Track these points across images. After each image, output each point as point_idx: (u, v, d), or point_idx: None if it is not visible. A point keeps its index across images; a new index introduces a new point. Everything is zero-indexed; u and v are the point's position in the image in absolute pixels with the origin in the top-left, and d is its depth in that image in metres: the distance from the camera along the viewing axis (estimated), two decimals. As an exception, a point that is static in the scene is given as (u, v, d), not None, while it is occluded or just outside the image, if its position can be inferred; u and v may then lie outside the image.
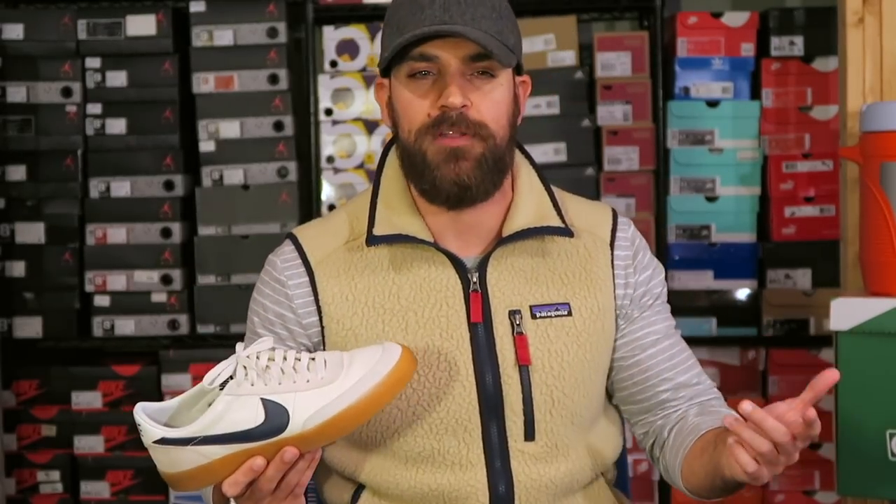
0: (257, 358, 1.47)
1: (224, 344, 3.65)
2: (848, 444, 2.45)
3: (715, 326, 3.55)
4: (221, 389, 1.46)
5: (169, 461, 1.47)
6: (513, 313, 1.67)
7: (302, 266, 1.71)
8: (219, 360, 3.90)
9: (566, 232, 1.71)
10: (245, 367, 1.46)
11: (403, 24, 1.62)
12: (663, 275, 1.81)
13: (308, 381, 1.46)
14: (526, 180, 1.74)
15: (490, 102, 1.64)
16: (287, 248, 1.74)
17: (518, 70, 1.70)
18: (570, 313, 1.69)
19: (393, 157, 1.74)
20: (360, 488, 1.71)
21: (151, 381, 3.61)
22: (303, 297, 1.70)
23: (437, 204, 1.66)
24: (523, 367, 1.65)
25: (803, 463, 3.53)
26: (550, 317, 1.69)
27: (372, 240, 1.68)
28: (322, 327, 1.70)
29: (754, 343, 3.60)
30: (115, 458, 3.59)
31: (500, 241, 1.69)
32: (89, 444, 3.60)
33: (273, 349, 1.51)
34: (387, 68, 1.68)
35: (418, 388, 1.64)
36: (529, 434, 1.66)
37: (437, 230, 1.69)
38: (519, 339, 1.66)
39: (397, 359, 1.49)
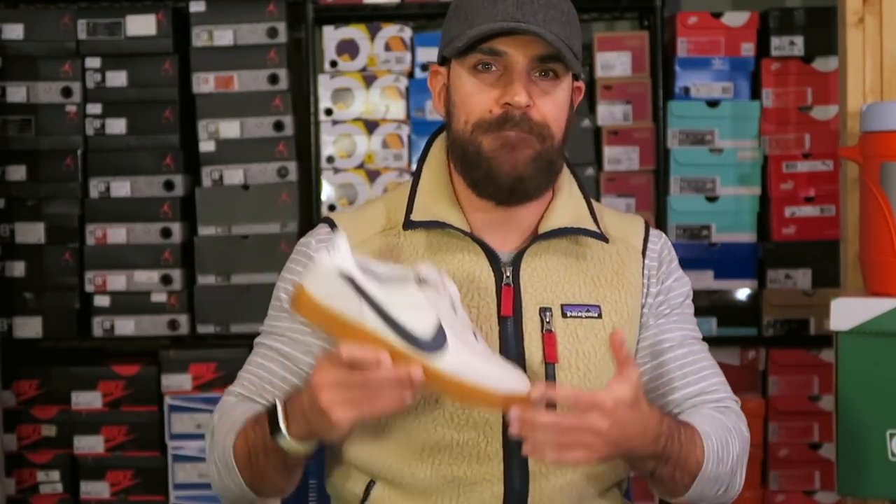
0: (455, 293, 1.52)
1: (224, 344, 3.66)
2: (848, 444, 2.45)
3: (715, 326, 3.55)
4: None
5: (330, 291, 1.48)
6: (543, 310, 1.67)
7: None
8: (219, 360, 3.89)
9: (601, 236, 1.72)
10: (450, 293, 1.51)
11: (474, 15, 1.63)
12: (688, 287, 1.82)
13: (470, 343, 1.50)
14: (566, 185, 1.75)
15: (552, 104, 1.64)
16: (323, 230, 1.75)
17: (576, 75, 1.71)
18: (600, 315, 1.70)
19: (437, 150, 1.75)
20: (372, 481, 1.71)
21: (151, 381, 3.61)
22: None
23: (486, 197, 1.67)
24: (550, 364, 1.65)
25: (803, 463, 3.53)
26: (581, 317, 1.69)
27: (409, 224, 1.69)
28: None
29: (754, 343, 3.60)
30: (115, 458, 3.59)
31: (536, 237, 1.70)
32: (89, 444, 3.60)
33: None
34: (444, 56, 1.69)
35: None
36: None
37: (476, 224, 1.70)
38: (548, 337, 1.66)
39: (528, 387, 1.52)
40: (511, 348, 1.65)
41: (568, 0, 1.68)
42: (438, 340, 1.47)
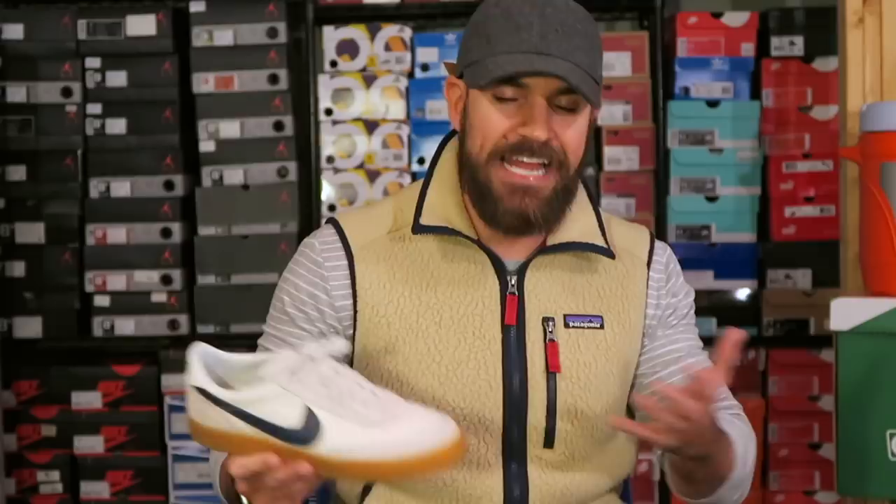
0: (327, 363, 1.44)
1: (224, 344, 3.63)
2: (848, 444, 2.45)
3: (715, 326, 3.55)
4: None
5: (200, 411, 1.46)
6: (546, 320, 1.68)
7: (342, 250, 1.71)
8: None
9: (608, 253, 1.72)
10: (310, 366, 1.44)
11: (496, 42, 1.61)
12: (692, 297, 1.83)
13: (357, 413, 1.42)
14: (578, 198, 1.74)
15: (572, 134, 1.63)
16: (327, 232, 1.74)
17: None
18: (602, 326, 1.70)
19: (448, 155, 1.74)
20: (368, 487, 1.70)
21: (151, 381, 3.61)
22: (339, 280, 1.70)
23: (493, 227, 1.67)
24: (552, 373, 1.66)
25: (803, 463, 3.53)
26: (583, 328, 1.69)
27: (417, 228, 1.68)
28: (355, 312, 1.69)
29: (754, 343, 3.59)
30: (115, 458, 3.59)
31: (544, 249, 1.70)
32: (89, 444, 3.60)
33: (344, 356, 1.49)
34: (463, 78, 1.67)
35: (446, 382, 1.64)
36: (549, 441, 1.66)
37: (483, 231, 1.70)
38: (550, 346, 1.66)
39: (450, 438, 1.43)
40: (513, 356, 1.66)
41: (592, 21, 1.65)
42: (310, 427, 1.41)
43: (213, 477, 1.66)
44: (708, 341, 1.82)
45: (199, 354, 1.46)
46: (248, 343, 3.59)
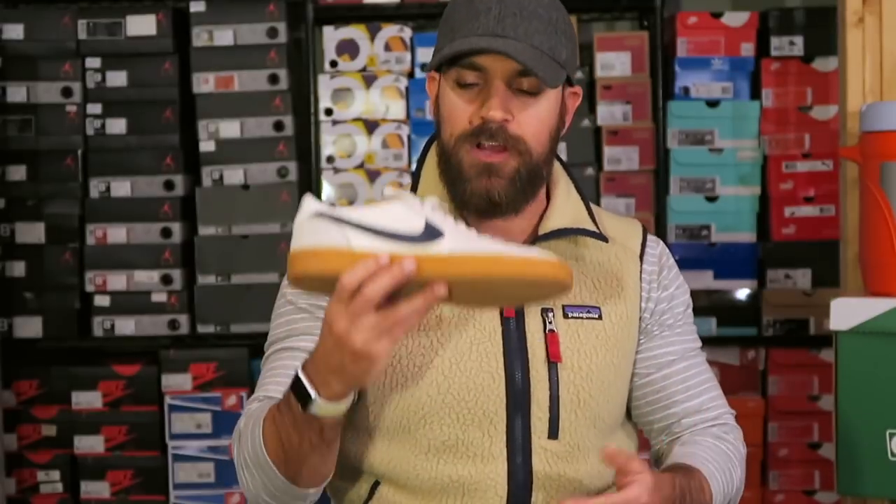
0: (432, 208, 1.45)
1: (224, 344, 3.66)
2: (848, 444, 2.45)
3: (715, 326, 3.55)
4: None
5: (313, 233, 1.42)
6: (545, 311, 1.68)
7: None
8: (219, 360, 3.88)
9: (601, 237, 1.73)
10: (422, 201, 1.45)
11: (458, 28, 1.63)
12: (688, 295, 1.83)
13: (472, 234, 1.44)
14: (563, 190, 1.75)
15: (532, 118, 1.64)
16: None
17: (570, 81, 1.70)
18: (600, 317, 1.71)
19: (432, 154, 1.75)
20: (376, 483, 1.71)
21: (151, 381, 3.61)
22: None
23: (466, 212, 1.68)
24: (553, 364, 1.66)
25: (803, 463, 3.53)
26: (581, 318, 1.70)
27: None
28: None
29: (754, 343, 3.60)
30: (115, 458, 3.59)
31: (537, 238, 1.70)
32: (89, 444, 3.60)
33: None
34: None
35: (450, 375, 1.65)
36: (553, 432, 1.67)
37: (475, 226, 1.68)
38: (550, 337, 1.67)
39: (561, 261, 1.43)
40: (514, 348, 1.66)
41: (558, 7, 1.67)
42: (431, 232, 1.41)
43: (252, 439, 1.58)
44: (708, 341, 1.83)
45: (309, 196, 1.46)
46: (249, 343, 3.63)
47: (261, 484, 1.59)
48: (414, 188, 1.74)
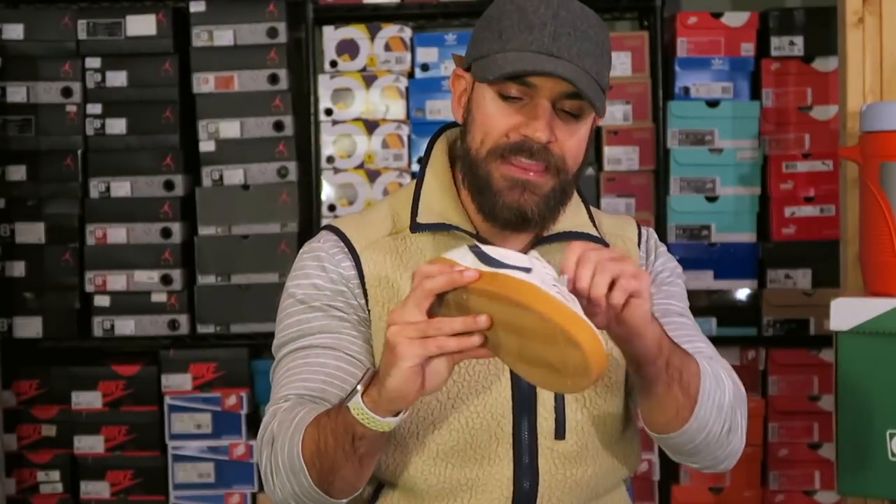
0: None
1: (224, 344, 3.66)
2: (848, 444, 2.45)
3: (715, 326, 3.55)
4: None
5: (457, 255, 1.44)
6: None
7: (346, 251, 1.70)
8: (219, 360, 3.87)
9: (602, 241, 1.73)
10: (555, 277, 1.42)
11: (508, 37, 1.60)
12: (673, 264, 1.81)
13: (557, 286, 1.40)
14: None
15: (575, 141, 1.63)
16: (327, 236, 1.73)
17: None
18: None
19: (439, 151, 1.74)
20: (380, 486, 1.71)
21: (151, 381, 3.61)
22: (353, 280, 1.68)
23: (490, 223, 1.66)
24: None
25: (803, 463, 3.53)
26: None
27: (416, 227, 1.68)
28: (368, 311, 1.68)
29: (754, 343, 3.60)
30: (115, 458, 3.59)
31: (539, 240, 1.70)
32: (89, 444, 3.60)
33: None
34: (471, 71, 1.66)
35: (458, 379, 1.64)
36: (560, 432, 1.66)
37: (480, 225, 1.70)
38: None
39: (598, 337, 1.36)
40: None
41: (604, 28, 1.65)
42: (523, 266, 1.39)
43: (290, 441, 1.55)
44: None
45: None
46: (249, 343, 3.63)
47: (290, 491, 1.56)
48: (418, 185, 1.73)
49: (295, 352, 1.67)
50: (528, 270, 1.39)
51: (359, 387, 1.45)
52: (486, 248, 1.43)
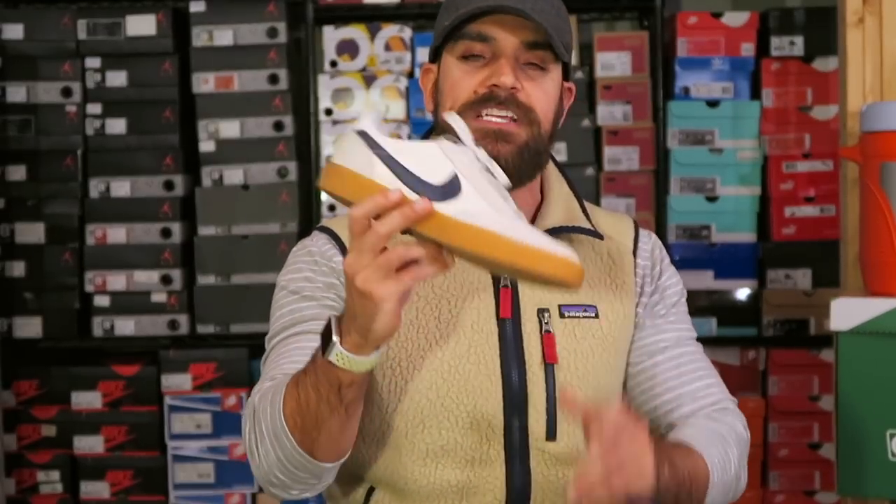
0: (482, 160, 1.41)
1: (224, 344, 3.66)
2: (848, 444, 2.45)
3: (715, 326, 3.55)
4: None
5: (348, 150, 1.41)
6: (541, 311, 1.67)
7: (338, 248, 1.70)
8: (219, 360, 3.87)
9: (596, 234, 1.72)
10: (476, 155, 1.41)
11: (463, 4, 1.62)
12: (681, 285, 1.80)
13: (495, 202, 1.37)
14: (556, 185, 1.74)
15: (541, 91, 1.63)
16: (319, 235, 1.73)
17: (566, 74, 1.69)
18: (597, 316, 1.69)
19: None
20: (372, 488, 1.70)
21: (151, 381, 3.61)
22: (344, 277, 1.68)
23: None
24: (549, 365, 1.65)
25: (803, 463, 3.53)
26: (578, 317, 1.68)
27: None
28: None
29: (754, 343, 3.60)
30: (115, 458, 3.59)
31: None
32: (89, 444, 3.60)
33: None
34: (436, 53, 1.67)
35: (448, 378, 1.63)
36: (551, 433, 1.65)
37: None
38: (546, 338, 1.65)
39: (574, 260, 1.36)
40: (510, 350, 1.65)
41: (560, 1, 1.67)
42: (451, 188, 1.36)
43: (271, 407, 1.53)
44: (708, 341, 1.82)
45: (375, 113, 1.44)
46: (248, 343, 3.63)
47: (274, 458, 1.53)
48: None
49: (287, 338, 1.66)
50: (458, 190, 1.36)
51: (335, 338, 1.42)
52: (384, 144, 1.38)
